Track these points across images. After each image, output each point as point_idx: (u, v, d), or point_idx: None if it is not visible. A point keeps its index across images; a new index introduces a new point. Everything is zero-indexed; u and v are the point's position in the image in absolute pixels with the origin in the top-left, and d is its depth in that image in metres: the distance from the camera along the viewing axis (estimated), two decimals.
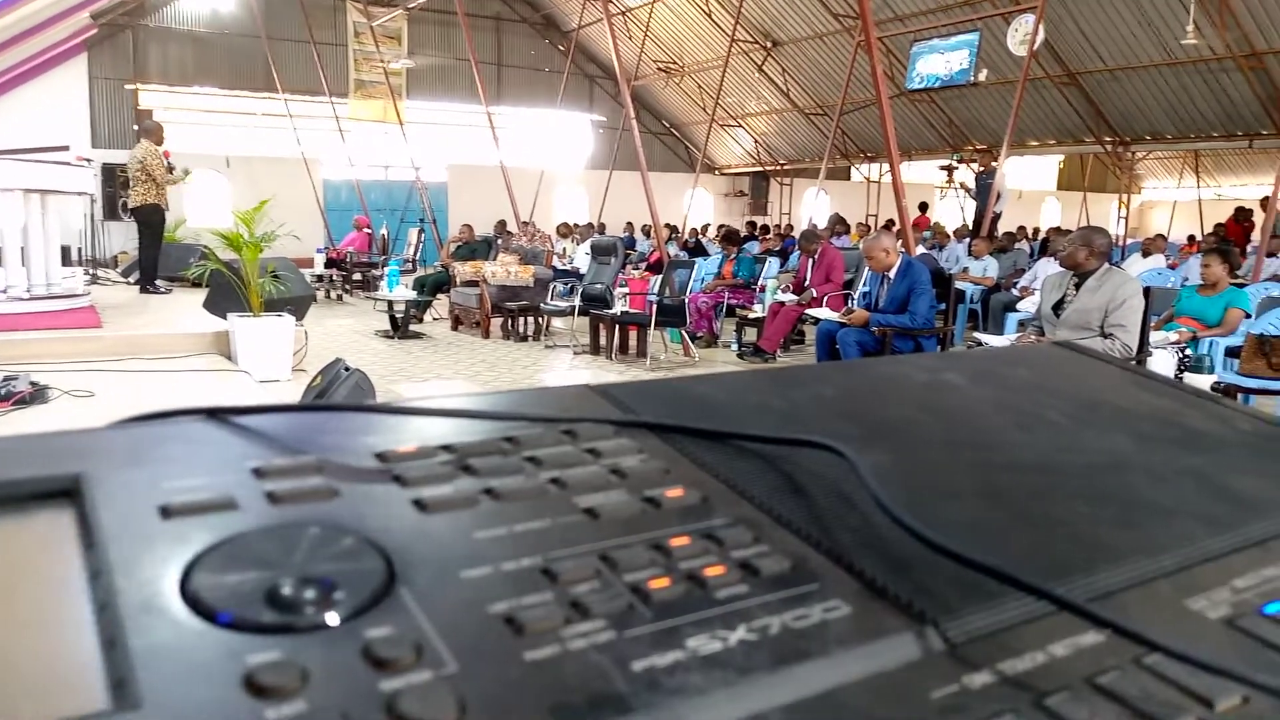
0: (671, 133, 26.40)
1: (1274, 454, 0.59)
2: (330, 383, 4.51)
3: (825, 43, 19.78)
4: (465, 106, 20.90)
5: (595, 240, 11.29)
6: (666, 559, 0.39)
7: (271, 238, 6.73)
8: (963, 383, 0.64)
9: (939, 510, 0.46)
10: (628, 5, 21.26)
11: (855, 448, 0.48)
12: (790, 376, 0.62)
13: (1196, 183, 22.71)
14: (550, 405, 0.54)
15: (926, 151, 21.27)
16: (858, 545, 0.41)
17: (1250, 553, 0.46)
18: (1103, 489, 0.51)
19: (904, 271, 6.56)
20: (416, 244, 15.33)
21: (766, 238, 17.78)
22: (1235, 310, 6.22)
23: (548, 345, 9.81)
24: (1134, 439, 0.58)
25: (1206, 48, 14.67)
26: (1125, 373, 0.71)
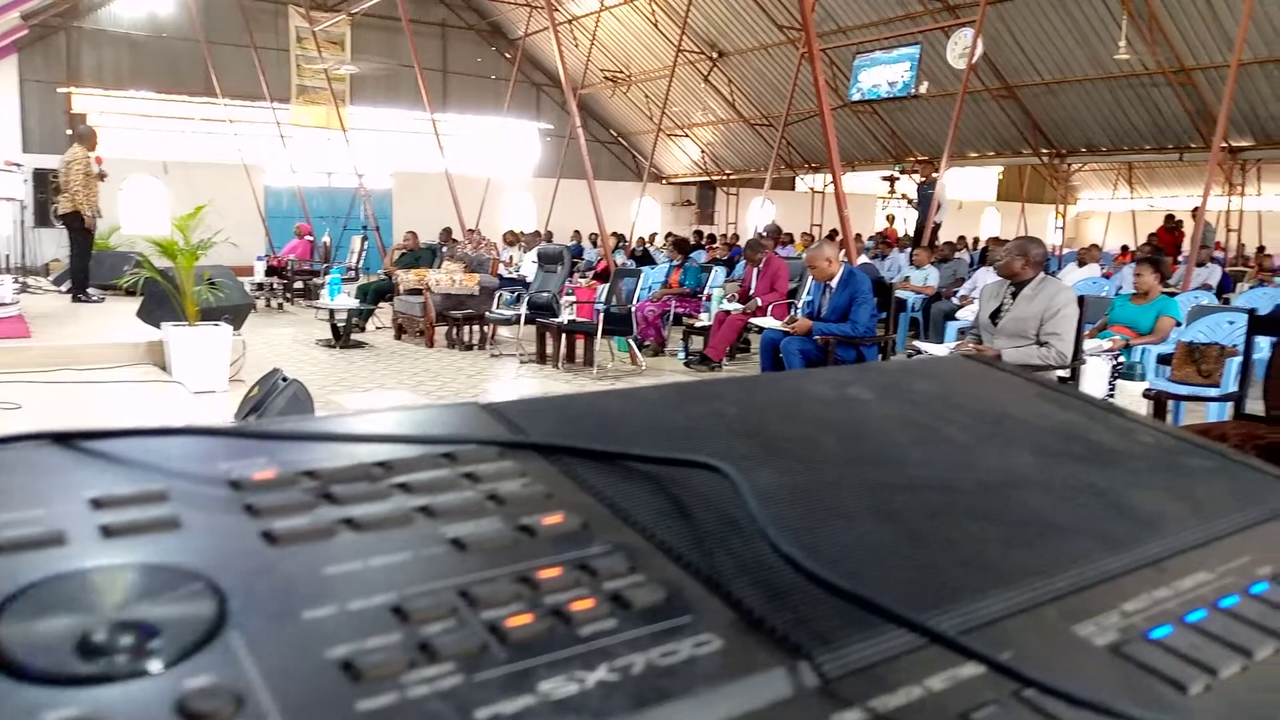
0: (619, 141, 26.44)
1: (1175, 469, 0.59)
2: (267, 394, 4.41)
3: (770, 54, 19.97)
4: (411, 113, 20.70)
5: (542, 248, 11.25)
6: (533, 593, 0.37)
7: (208, 245, 6.58)
8: (869, 397, 0.63)
9: (828, 533, 0.44)
10: (574, 14, 21.27)
11: (749, 467, 0.46)
12: (695, 392, 0.61)
13: (1130, 194, 23.33)
14: (434, 425, 0.52)
15: (869, 162, 21.56)
16: (738, 573, 0.40)
17: (1143, 573, 0.45)
18: (999, 508, 0.50)
19: (845, 281, 6.62)
20: (360, 252, 15.14)
21: (713, 247, 17.86)
22: (1166, 319, 6.37)
23: (493, 354, 9.73)
24: (1035, 455, 0.58)
25: (1138, 63, 15.09)
26: (1032, 386, 0.70)
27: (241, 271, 11.78)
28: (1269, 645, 0.40)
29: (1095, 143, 18.30)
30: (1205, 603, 0.43)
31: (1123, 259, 15.09)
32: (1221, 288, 10.75)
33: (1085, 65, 16.16)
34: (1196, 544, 0.49)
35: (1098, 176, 23.98)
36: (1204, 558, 0.47)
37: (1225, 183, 17.87)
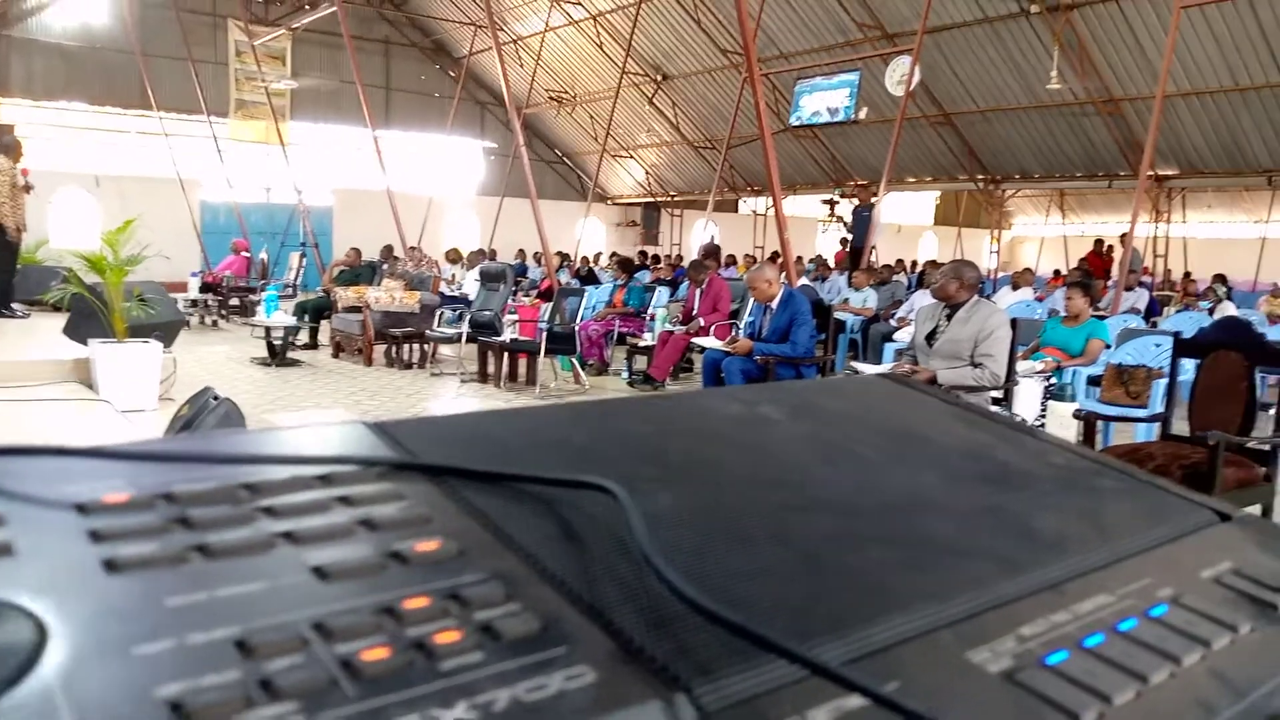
0: (564, 161, 26.47)
1: (1082, 489, 0.58)
2: (198, 413, 4.30)
3: (714, 78, 20.19)
4: (353, 129, 20.49)
5: (485, 266, 11.17)
6: (395, 624, 0.34)
7: (137, 260, 6.42)
8: (779, 417, 0.62)
9: (721, 558, 0.42)
10: (519, 34, 21.29)
11: (646, 488, 0.44)
12: (599, 411, 0.59)
13: (1062, 219, 23.98)
14: (313, 446, 0.49)
15: (810, 186, 21.86)
16: (622, 601, 0.38)
17: (1042, 597, 0.44)
18: (901, 530, 0.49)
19: (785, 302, 6.68)
20: (298, 269, 14.90)
21: (658, 267, 17.92)
22: (1096, 341, 6.52)
23: (434, 373, 9.62)
24: (942, 475, 0.57)
25: (1070, 93, 15.55)
26: (945, 406, 0.70)
27: (175, 288, 11.51)
28: (1164, 669, 0.39)
29: (1028, 169, 18.79)
30: (1103, 626, 0.42)
31: (1055, 283, 15.47)
32: (1149, 311, 11.07)
33: (1019, 95, 16.60)
34: (1098, 566, 0.48)
35: (1031, 202, 24.62)
36: (1105, 580, 0.47)
37: (1152, 210, 18.46)
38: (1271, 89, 13.64)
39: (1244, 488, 3.70)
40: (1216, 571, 0.49)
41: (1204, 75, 14.30)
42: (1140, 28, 14.17)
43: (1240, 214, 21.45)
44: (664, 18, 19.13)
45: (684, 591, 0.36)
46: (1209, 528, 0.55)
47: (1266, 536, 0.54)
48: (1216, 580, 0.48)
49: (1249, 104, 14.51)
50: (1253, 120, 14.78)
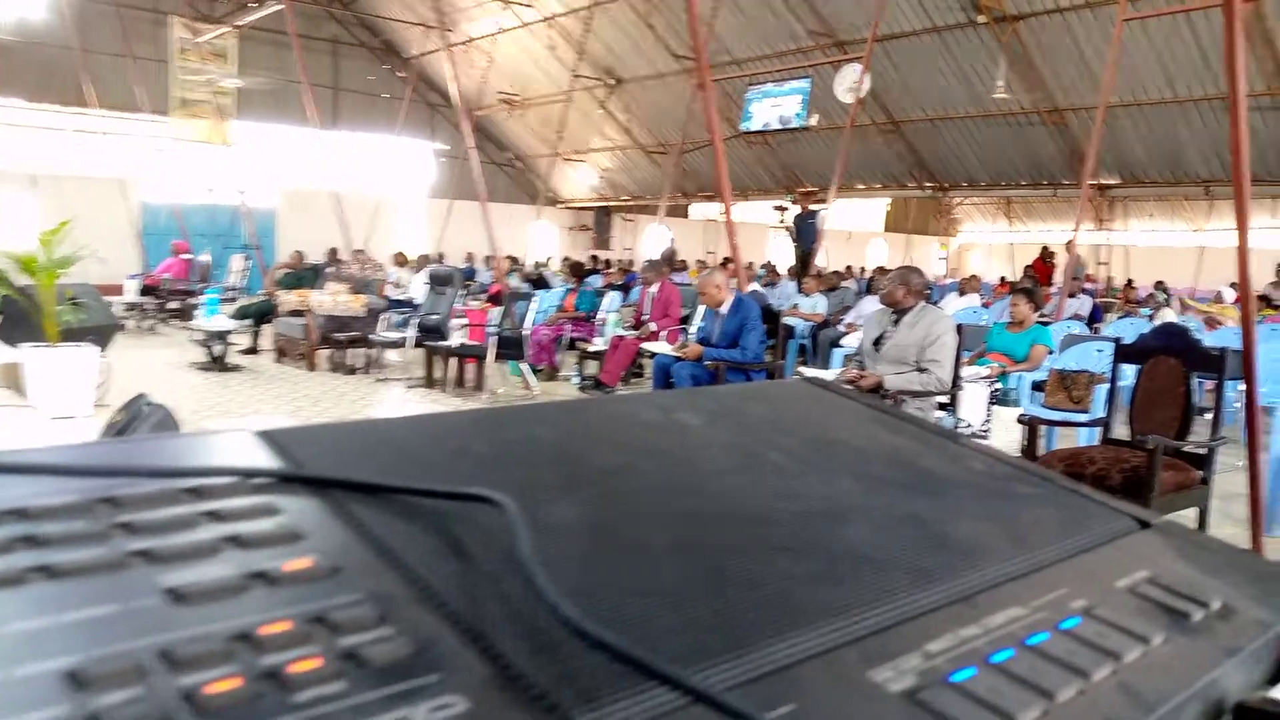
0: (515, 164, 26.35)
1: (1003, 497, 0.57)
2: (131, 420, 4.19)
3: (666, 82, 20.23)
4: (299, 129, 20.17)
5: (432, 270, 11.05)
6: (250, 652, 0.32)
7: (70, 261, 6.25)
8: (697, 423, 0.60)
9: (620, 573, 0.40)
10: (470, 36, 21.14)
11: (547, 499, 0.42)
12: (510, 418, 0.56)
13: (1008, 226, 24.42)
14: (191, 455, 0.46)
15: (762, 192, 22.01)
16: (505, 622, 0.35)
17: (954, 610, 0.43)
18: (813, 541, 0.48)
19: (735, 308, 6.69)
20: (241, 271, 14.62)
21: (609, 272, 17.90)
22: (1040, 347, 6.62)
23: (379, 378, 9.48)
24: (861, 483, 0.55)
25: (1016, 103, 15.85)
26: (868, 410, 0.68)
27: (112, 290, 11.23)
28: (1073, 686, 0.38)
29: (976, 177, 19.10)
30: (1014, 641, 0.41)
31: (1001, 289, 15.72)
32: (1092, 317, 11.29)
33: (966, 103, 16.88)
34: (1012, 577, 0.47)
35: (978, 209, 25.04)
36: (1018, 591, 0.45)
37: (1095, 218, 18.88)
38: (1209, 102, 14.03)
39: (1181, 490, 3.78)
40: (1132, 581, 0.48)
41: (1145, 87, 14.66)
42: (1084, 39, 14.48)
43: (1179, 222, 22.02)
44: (616, 21, 19.14)
45: (563, 613, 0.34)
46: (1128, 535, 0.54)
47: (1184, 544, 0.54)
48: (1132, 590, 0.47)
49: (1187, 116, 14.90)
50: (1191, 132, 15.18)
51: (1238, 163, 4.27)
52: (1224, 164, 14.23)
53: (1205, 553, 0.52)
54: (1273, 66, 13.22)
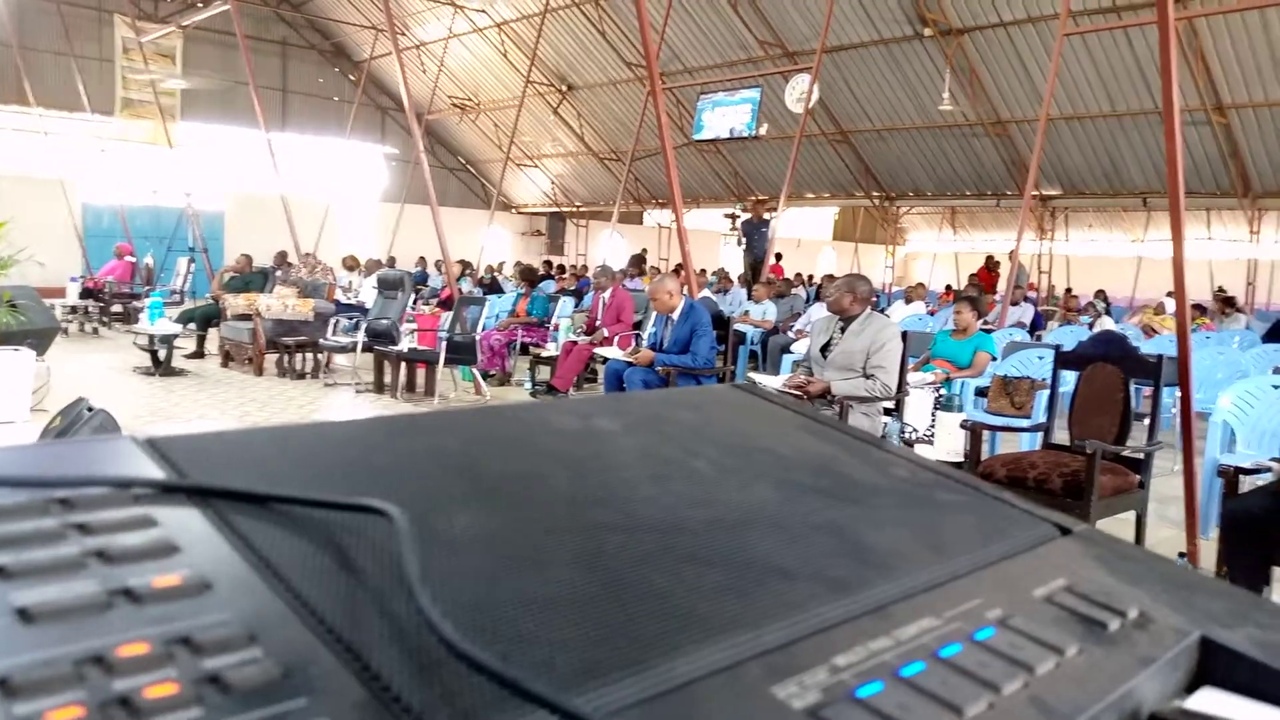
0: (468, 169, 26.18)
1: (923, 503, 0.56)
2: (70, 425, 4.07)
3: (619, 90, 20.26)
4: (247, 132, 19.85)
5: (382, 274, 10.91)
6: (102, 676, 0.29)
7: (9, 263, 6.07)
8: (615, 429, 0.58)
9: (516, 587, 0.39)
10: (422, 39, 21.00)
11: (448, 510, 0.40)
12: (419, 425, 0.54)
13: (954, 236, 24.82)
14: (65, 464, 0.43)
15: (713, 200, 22.12)
16: (386, 641, 0.33)
17: (865, 621, 0.42)
18: (726, 550, 0.46)
19: (686, 314, 6.71)
20: (186, 274, 14.33)
21: (563, 277, 17.85)
22: (983, 353, 6.72)
23: (328, 383, 9.34)
24: (781, 490, 0.54)
25: (960, 115, 16.11)
26: (794, 416, 0.67)
27: (52, 293, 10.94)
28: (982, 700, 0.37)
29: (922, 187, 19.38)
30: (925, 653, 0.40)
31: (946, 297, 15.95)
32: (1034, 325, 11.49)
33: (913, 114, 17.12)
34: (928, 586, 0.46)
35: (924, 219, 25.40)
36: (933, 601, 0.44)
37: (1037, 228, 19.25)
38: (1146, 115, 14.38)
39: (1120, 494, 3.85)
40: (1050, 589, 0.47)
41: (1085, 101, 14.99)
42: (1026, 53, 14.78)
43: (1118, 233, 22.55)
44: (569, 28, 19.13)
45: (442, 632, 0.32)
46: (1048, 543, 0.54)
47: (1104, 551, 0.53)
48: (1049, 599, 0.46)
49: (1126, 129, 15.26)
50: (1129, 145, 15.55)
51: (1173, 175, 4.37)
52: (1160, 176, 14.60)
53: (1125, 560, 0.52)
54: (1207, 82, 13.59)
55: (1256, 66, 13.12)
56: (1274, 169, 14.86)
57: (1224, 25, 12.75)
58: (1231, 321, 11.78)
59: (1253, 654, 0.43)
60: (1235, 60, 13.22)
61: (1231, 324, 11.59)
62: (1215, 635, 0.44)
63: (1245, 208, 15.86)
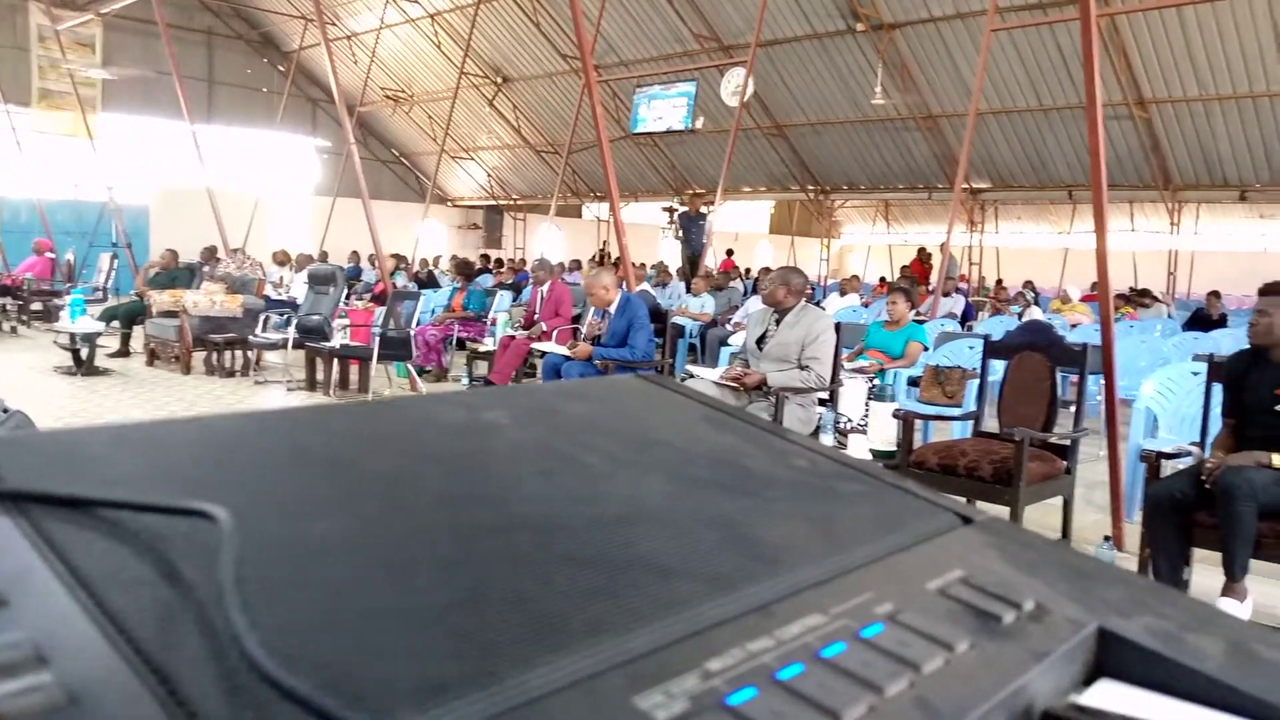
0: (401, 161, 25.81)
1: (821, 495, 0.54)
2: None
3: (555, 82, 20.13)
4: (173, 124, 19.28)
5: (313, 269, 10.69)
6: None
7: None
8: (506, 423, 0.55)
9: (366, 595, 0.35)
10: (353, 30, 20.63)
11: (293, 514, 0.37)
12: (287, 420, 0.51)
13: (887, 229, 25.18)
14: None
15: (651, 193, 22.12)
16: (203, 662, 0.30)
17: (747, 621, 0.39)
18: (604, 549, 0.44)
19: (623, 307, 6.69)
20: (109, 271, 13.89)
21: (500, 271, 17.70)
22: (915, 344, 6.81)
23: (258, 381, 9.14)
24: (673, 483, 0.52)
25: (893, 109, 16.32)
26: (699, 408, 0.65)
27: None
28: (863, 702, 0.35)
29: (855, 181, 19.61)
30: (807, 654, 0.38)
31: (880, 289, 16.17)
32: (965, 316, 11.71)
33: (846, 109, 17.30)
34: (819, 581, 0.44)
35: (859, 212, 25.72)
36: (821, 597, 0.42)
37: (968, 221, 19.62)
38: (1071, 110, 14.72)
39: (1048, 480, 3.92)
40: (944, 581, 0.45)
41: (1012, 95, 15.30)
42: (955, 48, 15.02)
43: (1046, 225, 23.09)
44: (503, 20, 18.94)
45: (247, 649, 0.28)
46: (948, 533, 0.52)
47: (1004, 540, 0.52)
48: (942, 591, 0.44)
49: (1052, 123, 15.62)
50: (1055, 139, 15.91)
51: (1096, 168, 4.47)
52: (1085, 169, 14.97)
53: (1024, 549, 0.50)
54: (1129, 77, 13.97)
55: (1175, 63, 13.52)
56: (1192, 162, 15.34)
57: (1144, 22, 13.11)
58: (1152, 312, 12.13)
59: (1149, 644, 0.42)
60: (1155, 57, 13.60)
61: (1152, 314, 11.95)
62: (1112, 626, 0.43)
63: (1166, 200, 16.34)
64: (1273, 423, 3.27)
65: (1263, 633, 0.44)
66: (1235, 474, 3.12)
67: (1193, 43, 13.07)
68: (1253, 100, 13.54)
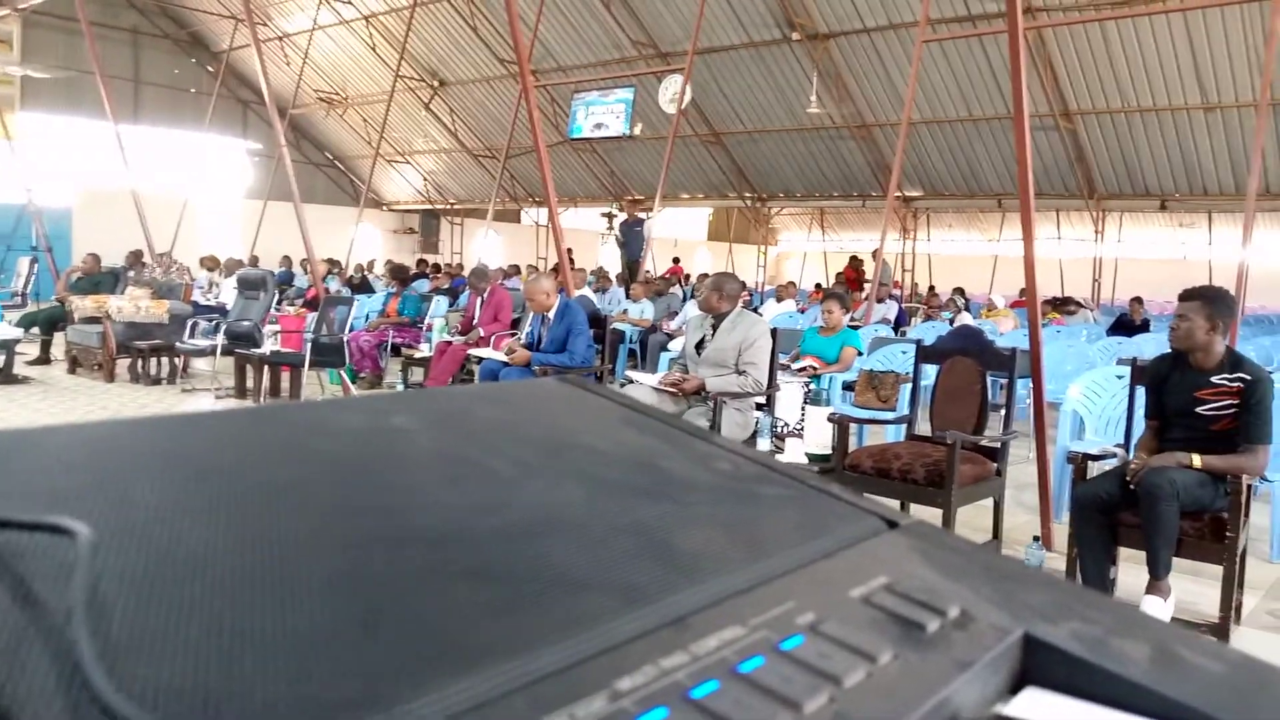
0: (336, 165, 25.39)
1: (744, 500, 0.53)
2: None
3: (493, 86, 20.00)
4: (97, 124, 18.69)
5: (243, 273, 10.46)
6: None
7: None
8: (413, 428, 0.53)
9: (226, 622, 0.32)
10: (285, 31, 20.26)
11: (160, 529, 0.33)
12: (170, 427, 0.47)
13: (822, 236, 25.51)
14: None
15: (590, 199, 22.09)
16: (45, 693, 0.27)
17: (661, 635, 0.37)
18: (509, 561, 0.41)
19: (562, 313, 6.66)
20: (28, 275, 13.41)
21: (437, 276, 17.49)
22: (850, 349, 6.89)
23: (185, 389, 8.90)
24: (589, 489, 0.50)
25: (827, 118, 16.54)
26: (623, 410, 0.63)
27: None
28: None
29: (791, 188, 19.82)
30: (723, 669, 0.36)
31: (815, 295, 16.36)
32: (898, 322, 11.88)
33: (782, 117, 17.48)
34: (739, 591, 0.42)
35: (795, 220, 26.02)
36: (741, 608, 0.40)
37: (900, 228, 19.96)
38: (1000, 120, 15.07)
39: (980, 482, 3.98)
40: (869, 589, 0.44)
41: (943, 105, 15.61)
42: (888, 59, 15.28)
43: (976, 233, 23.60)
44: (440, 23, 18.76)
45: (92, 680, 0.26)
46: (873, 538, 0.50)
47: (929, 544, 0.51)
48: (866, 599, 0.43)
49: (981, 133, 15.97)
50: (985, 148, 16.28)
51: (1023, 177, 4.57)
52: (1014, 178, 15.35)
53: (949, 553, 0.49)
54: (1055, 89, 14.35)
55: (1099, 76, 13.93)
56: (1115, 172, 15.82)
57: (1069, 36, 13.48)
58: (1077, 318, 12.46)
59: (1075, 650, 0.41)
60: (1080, 70, 14.00)
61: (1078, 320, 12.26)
62: (1038, 632, 0.42)
63: (1091, 209, 16.82)
64: (1193, 424, 3.37)
65: (1186, 636, 0.44)
66: (1158, 475, 3.20)
67: (1115, 57, 13.48)
68: (1171, 113, 14.01)
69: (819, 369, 6.69)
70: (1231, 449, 3.26)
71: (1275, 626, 3.61)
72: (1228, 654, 0.43)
